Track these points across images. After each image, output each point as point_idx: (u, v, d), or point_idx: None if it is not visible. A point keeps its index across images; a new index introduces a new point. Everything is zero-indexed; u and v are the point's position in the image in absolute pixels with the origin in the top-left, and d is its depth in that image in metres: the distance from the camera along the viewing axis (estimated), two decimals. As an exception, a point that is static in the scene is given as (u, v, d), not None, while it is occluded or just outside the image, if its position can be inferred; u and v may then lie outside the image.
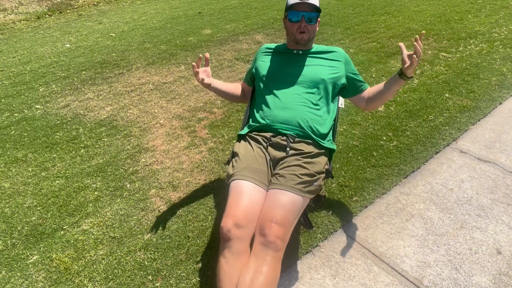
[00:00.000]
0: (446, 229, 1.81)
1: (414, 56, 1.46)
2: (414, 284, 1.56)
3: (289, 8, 1.64)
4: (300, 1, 1.60)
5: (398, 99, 2.95)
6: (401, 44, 1.53)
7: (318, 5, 1.63)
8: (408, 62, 1.49)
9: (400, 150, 2.37)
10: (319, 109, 1.64)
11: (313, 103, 1.63)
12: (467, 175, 2.15)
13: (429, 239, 1.76)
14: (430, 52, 3.77)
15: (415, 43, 1.46)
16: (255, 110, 1.74)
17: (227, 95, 1.88)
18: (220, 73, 3.60)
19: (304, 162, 1.50)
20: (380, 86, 1.69)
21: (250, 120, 1.78)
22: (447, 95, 2.98)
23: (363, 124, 2.66)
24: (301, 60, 1.71)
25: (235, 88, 1.92)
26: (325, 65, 1.69)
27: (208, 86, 1.70)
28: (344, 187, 2.09)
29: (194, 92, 3.28)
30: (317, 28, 1.74)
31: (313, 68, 1.68)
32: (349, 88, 1.75)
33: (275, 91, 1.67)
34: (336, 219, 1.89)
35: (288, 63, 1.71)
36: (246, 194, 1.43)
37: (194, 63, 1.59)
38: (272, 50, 1.81)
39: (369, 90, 1.75)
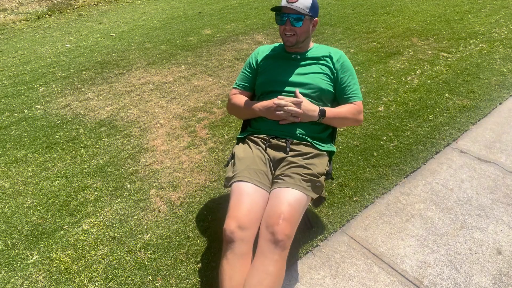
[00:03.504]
0: (446, 229, 1.81)
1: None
2: (414, 284, 1.56)
3: (276, 11, 1.61)
4: (285, 5, 1.56)
5: (398, 99, 2.95)
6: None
7: (305, 8, 1.55)
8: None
9: (400, 150, 2.37)
10: None
11: None
12: (467, 175, 2.15)
13: (429, 239, 1.76)
14: (430, 52, 3.78)
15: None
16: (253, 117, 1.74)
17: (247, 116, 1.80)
18: (220, 73, 3.60)
19: (306, 163, 1.50)
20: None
21: (248, 126, 1.77)
22: (447, 95, 2.98)
23: (363, 124, 2.66)
24: (299, 67, 1.68)
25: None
26: (321, 73, 1.66)
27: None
28: (344, 187, 2.09)
29: (194, 92, 3.28)
30: (309, 29, 1.64)
31: (311, 76, 1.65)
32: (339, 96, 1.69)
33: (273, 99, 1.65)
34: (336, 219, 1.89)
35: (286, 70, 1.68)
36: (247, 195, 1.42)
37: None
38: (269, 55, 1.76)
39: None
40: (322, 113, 1.56)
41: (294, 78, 1.65)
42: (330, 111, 1.59)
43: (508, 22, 4.49)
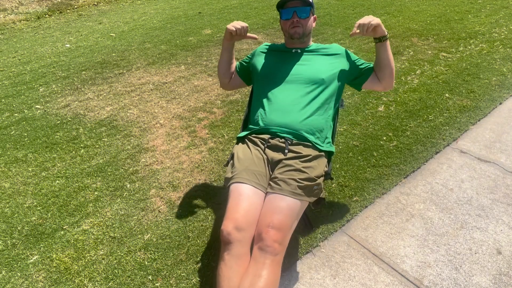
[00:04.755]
0: (446, 229, 1.81)
1: (358, 24, 1.54)
2: (414, 284, 1.56)
3: (280, 7, 1.64)
4: None
5: (398, 99, 2.95)
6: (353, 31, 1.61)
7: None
8: (360, 32, 1.56)
9: (400, 150, 2.37)
10: (317, 112, 1.62)
11: (311, 106, 1.61)
12: (467, 175, 2.15)
13: (429, 239, 1.76)
14: (430, 52, 3.78)
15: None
16: (253, 112, 1.74)
17: (225, 64, 1.89)
18: (220, 73, 3.61)
19: (303, 167, 1.49)
20: (376, 61, 1.70)
21: (249, 122, 1.77)
22: (447, 95, 2.98)
23: (363, 124, 2.66)
24: (299, 59, 1.69)
25: (233, 65, 1.93)
26: (324, 62, 1.67)
27: (231, 39, 1.76)
28: (344, 187, 2.09)
29: (194, 92, 3.28)
30: (313, 24, 1.72)
31: (312, 67, 1.66)
32: (359, 76, 1.74)
33: (272, 93, 1.65)
34: (336, 219, 1.89)
35: (286, 62, 1.70)
36: (245, 197, 1.42)
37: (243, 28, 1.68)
38: (270, 49, 1.80)
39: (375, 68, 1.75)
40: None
41: (293, 69, 1.67)
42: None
43: (508, 22, 4.49)
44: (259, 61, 1.77)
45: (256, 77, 1.76)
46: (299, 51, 1.72)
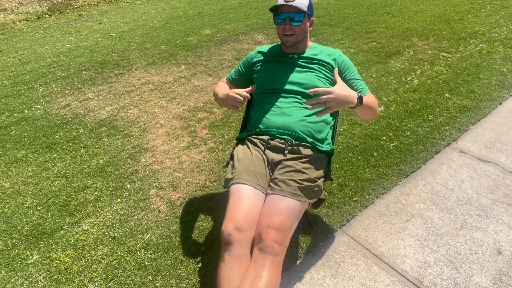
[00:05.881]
0: (446, 229, 1.81)
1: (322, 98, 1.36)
2: (414, 284, 1.56)
3: (274, 11, 1.61)
4: (283, 3, 1.57)
5: (398, 99, 2.95)
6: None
7: (304, 7, 1.56)
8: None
9: (400, 150, 2.37)
10: (315, 113, 1.62)
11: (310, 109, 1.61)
12: (467, 175, 2.15)
13: (429, 239, 1.76)
14: (430, 52, 3.78)
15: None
16: (252, 116, 1.73)
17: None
18: (220, 73, 3.60)
19: (303, 168, 1.49)
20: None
21: (248, 125, 1.77)
22: (447, 95, 2.98)
23: (363, 124, 2.66)
24: (296, 66, 1.67)
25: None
26: (319, 71, 1.65)
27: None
28: (344, 187, 2.09)
29: (194, 92, 3.28)
30: (308, 28, 1.67)
31: (308, 75, 1.64)
32: None
33: (271, 98, 1.64)
34: (336, 219, 1.89)
35: (282, 68, 1.68)
36: (246, 197, 1.42)
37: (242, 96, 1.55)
38: (266, 54, 1.76)
39: None
40: (360, 100, 1.44)
41: (290, 77, 1.65)
42: (365, 98, 1.49)
43: (508, 22, 4.49)
44: (256, 68, 1.74)
45: (255, 84, 1.75)
46: (295, 56, 1.69)
